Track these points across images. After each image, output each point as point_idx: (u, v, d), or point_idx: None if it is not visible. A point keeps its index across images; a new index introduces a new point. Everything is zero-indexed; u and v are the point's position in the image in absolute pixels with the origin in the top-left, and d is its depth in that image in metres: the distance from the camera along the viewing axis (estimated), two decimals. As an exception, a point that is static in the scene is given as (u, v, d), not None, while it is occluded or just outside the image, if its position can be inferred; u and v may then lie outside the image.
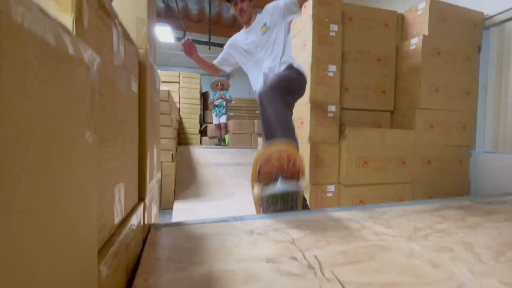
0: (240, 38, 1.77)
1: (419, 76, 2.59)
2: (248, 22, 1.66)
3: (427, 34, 2.60)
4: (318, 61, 2.37)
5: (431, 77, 2.62)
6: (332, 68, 2.41)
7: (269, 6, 1.59)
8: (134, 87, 0.62)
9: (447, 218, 0.96)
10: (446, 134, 2.70)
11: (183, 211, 2.67)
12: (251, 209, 2.91)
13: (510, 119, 2.72)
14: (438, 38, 2.65)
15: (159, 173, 0.99)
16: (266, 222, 0.88)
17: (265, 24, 1.57)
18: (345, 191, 2.38)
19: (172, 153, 2.93)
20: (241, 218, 0.91)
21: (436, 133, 2.67)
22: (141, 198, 0.71)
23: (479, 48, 2.88)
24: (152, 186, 0.86)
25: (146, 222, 0.77)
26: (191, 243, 0.70)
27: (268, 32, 1.57)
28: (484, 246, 0.72)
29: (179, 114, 5.00)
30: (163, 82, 4.87)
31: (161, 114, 2.94)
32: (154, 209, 0.93)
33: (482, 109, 2.94)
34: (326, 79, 2.41)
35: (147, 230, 0.78)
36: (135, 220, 0.60)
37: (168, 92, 2.89)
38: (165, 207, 2.89)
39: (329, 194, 2.40)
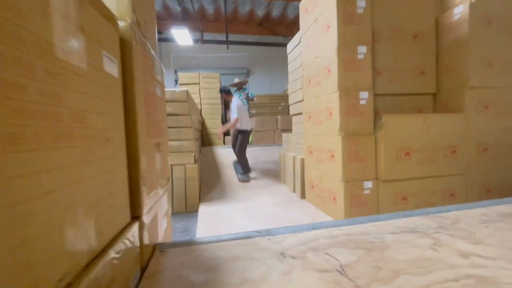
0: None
1: (467, 50, 2.19)
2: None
3: (474, 0, 2.19)
4: (345, 43, 2.09)
5: (482, 50, 2.21)
6: (362, 49, 2.11)
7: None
8: (110, 68, 0.45)
9: (555, 226, 0.67)
10: (505, 115, 2.27)
11: (209, 215, 2.54)
12: (279, 210, 2.72)
13: None
14: (489, 3, 2.22)
15: (168, 179, 0.82)
16: (300, 238, 0.67)
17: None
18: (384, 187, 2.08)
19: (194, 155, 2.82)
20: (268, 233, 0.71)
21: (493, 115, 2.25)
22: (136, 216, 0.54)
23: (541, 11, 2.38)
24: (156, 197, 0.69)
25: (148, 242, 0.60)
26: (202, 275, 0.52)
27: None
28: None
29: (201, 115, 4.93)
30: (183, 84, 4.81)
31: (180, 115, 2.85)
32: (163, 223, 0.76)
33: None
34: (356, 62, 2.11)
35: (150, 254, 0.61)
36: (121, 246, 0.43)
37: (187, 92, 2.77)
38: (191, 210, 2.79)
39: (366, 191, 2.11)
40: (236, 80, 5.06)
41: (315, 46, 2.50)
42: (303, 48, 2.82)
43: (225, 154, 4.20)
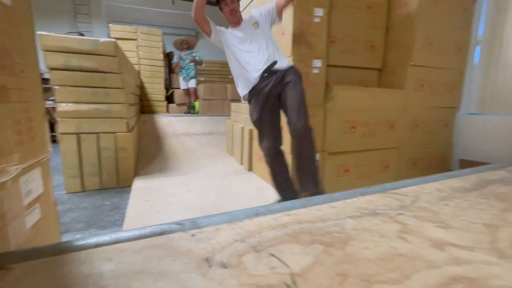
0: (229, 31, 1.65)
1: (414, 28, 2.21)
2: (238, 23, 1.62)
3: (426, -25, 2.17)
4: (302, 1, 1.87)
5: (426, 29, 2.25)
6: (319, 11, 1.93)
7: (254, 12, 1.67)
8: None
9: (505, 200, 0.63)
10: (435, 94, 2.43)
11: (145, 189, 2.22)
12: (225, 183, 2.55)
13: (501, 76, 2.50)
14: (437, -18, 2.23)
15: (45, 149, 0.51)
16: (239, 230, 0.48)
17: (256, 22, 1.61)
18: (330, 160, 2.07)
19: (127, 122, 2.38)
20: (193, 225, 0.50)
21: (427, 94, 2.39)
22: None
23: (475, -2, 2.53)
24: (15, 184, 0.41)
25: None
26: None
27: (260, 28, 1.60)
28: None
29: (139, 78, 4.27)
30: (116, 39, 4.02)
31: (107, 72, 2.32)
32: (26, 219, 0.48)
33: (470, 68, 2.69)
34: (311, 25, 1.93)
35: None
36: None
37: (115, 44, 2.23)
38: (125, 185, 2.41)
39: (313, 164, 2.08)
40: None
41: (269, 4, 2.21)
42: (256, 7, 2.50)
43: (169, 123, 3.77)
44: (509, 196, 0.66)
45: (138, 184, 2.35)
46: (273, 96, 1.55)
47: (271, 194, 2.10)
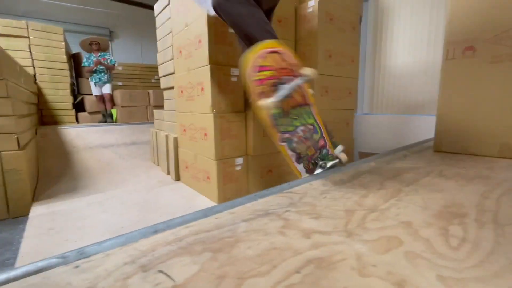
0: None
1: (316, 41, 2.56)
2: None
3: (321, -2, 2.54)
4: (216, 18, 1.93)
5: (326, 43, 2.63)
6: (233, 23, 2.03)
7: None
8: None
9: (368, 188, 0.81)
10: (337, 98, 2.87)
11: (46, 216, 1.88)
12: (150, 196, 2.39)
13: (383, 85, 3.13)
14: (331, 4, 2.64)
15: None
16: (131, 252, 0.48)
17: None
18: (253, 162, 2.19)
19: (17, 137, 1.97)
20: (79, 255, 0.47)
21: (330, 98, 2.80)
22: None
23: (361, 19, 3.10)
24: None
25: None
26: None
27: None
28: (424, 224, 0.57)
29: (35, 83, 3.59)
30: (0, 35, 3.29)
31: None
32: None
33: (361, 76, 3.28)
34: (227, 36, 2.01)
35: None
36: None
37: (-8, 45, 1.82)
38: (17, 214, 1.98)
39: (238, 168, 2.16)
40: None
41: (186, 11, 2.20)
42: (172, 11, 2.45)
43: (80, 135, 3.30)
44: (370, 184, 0.85)
45: (38, 211, 1.98)
46: None
47: (200, 202, 2.08)
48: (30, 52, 3.54)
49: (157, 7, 2.80)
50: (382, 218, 0.60)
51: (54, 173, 2.72)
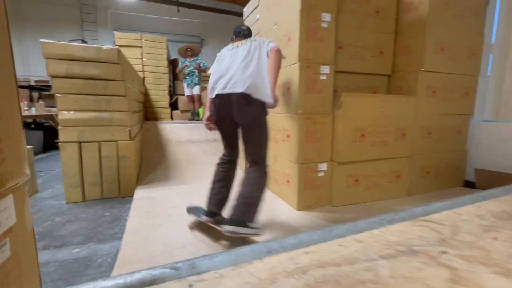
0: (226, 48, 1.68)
1: (424, 32, 2.12)
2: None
3: (437, -22, 2.09)
4: (309, 7, 1.79)
5: (437, 34, 2.16)
6: (326, 16, 1.85)
7: (256, 39, 1.60)
8: None
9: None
10: (448, 101, 2.32)
11: (145, 200, 2.13)
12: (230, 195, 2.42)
13: (517, 83, 2.38)
14: (447, -15, 2.15)
15: (20, 178, 0.42)
16: (247, 276, 0.39)
17: (251, 46, 1.55)
18: (339, 170, 1.96)
19: (129, 130, 2.31)
20: (191, 269, 0.40)
21: (439, 100, 2.28)
22: None
23: (487, 1, 2.44)
24: None
25: None
26: None
27: (253, 50, 1.54)
28: None
29: (144, 85, 4.24)
30: (121, 46, 4.00)
31: (109, 80, 2.26)
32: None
33: (483, 73, 2.58)
34: (319, 31, 1.85)
35: None
36: None
37: (118, 51, 2.18)
38: (126, 194, 2.33)
39: (321, 174, 1.97)
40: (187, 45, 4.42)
41: (276, 9, 2.15)
42: (261, 12, 2.44)
43: (172, 130, 3.71)
44: None
45: (140, 194, 2.26)
46: None
47: (279, 206, 2.00)
48: (142, 59, 4.22)
49: (246, 9, 2.87)
50: None
51: (152, 162, 3.12)
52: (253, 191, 1.45)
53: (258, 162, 1.50)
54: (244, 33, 1.70)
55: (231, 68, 1.50)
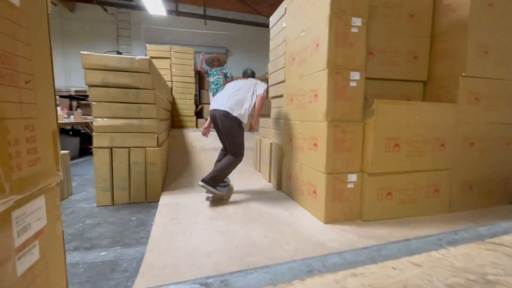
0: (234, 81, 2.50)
1: (466, 35, 1.96)
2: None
3: (479, -23, 1.94)
4: (338, 11, 1.74)
5: (480, 36, 1.98)
6: (357, 21, 1.78)
7: (252, 80, 2.39)
8: None
9: None
10: (494, 108, 2.11)
11: (170, 206, 2.15)
12: (252, 203, 2.40)
13: None
14: (492, -16, 1.99)
15: (52, 179, 0.41)
16: (287, 300, 0.34)
17: (245, 84, 2.36)
18: (369, 181, 1.83)
19: (157, 137, 2.37)
20: (224, 286, 0.36)
21: (482, 108, 2.07)
22: None
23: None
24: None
25: None
26: None
27: (245, 87, 2.31)
28: None
29: (171, 94, 4.40)
30: (152, 57, 4.21)
31: (140, 89, 2.36)
32: (20, 265, 0.38)
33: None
34: (349, 36, 1.78)
35: None
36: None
37: (149, 62, 2.28)
38: (152, 200, 2.37)
39: (350, 185, 1.85)
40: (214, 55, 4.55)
41: (303, 16, 2.12)
42: (288, 19, 2.43)
43: (197, 138, 3.78)
44: None
45: (165, 200, 2.29)
46: None
47: (304, 218, 1.90)
48: (170, 70, 4.40)
49: (272, 19, 2.88)
50: None
51: (178, 168, 3.18)
52: (223, 167, 2.22)
53: (234, 153, 2.25)
54: (248, 74, 2.52)
55: (225, 94, 2.26)
